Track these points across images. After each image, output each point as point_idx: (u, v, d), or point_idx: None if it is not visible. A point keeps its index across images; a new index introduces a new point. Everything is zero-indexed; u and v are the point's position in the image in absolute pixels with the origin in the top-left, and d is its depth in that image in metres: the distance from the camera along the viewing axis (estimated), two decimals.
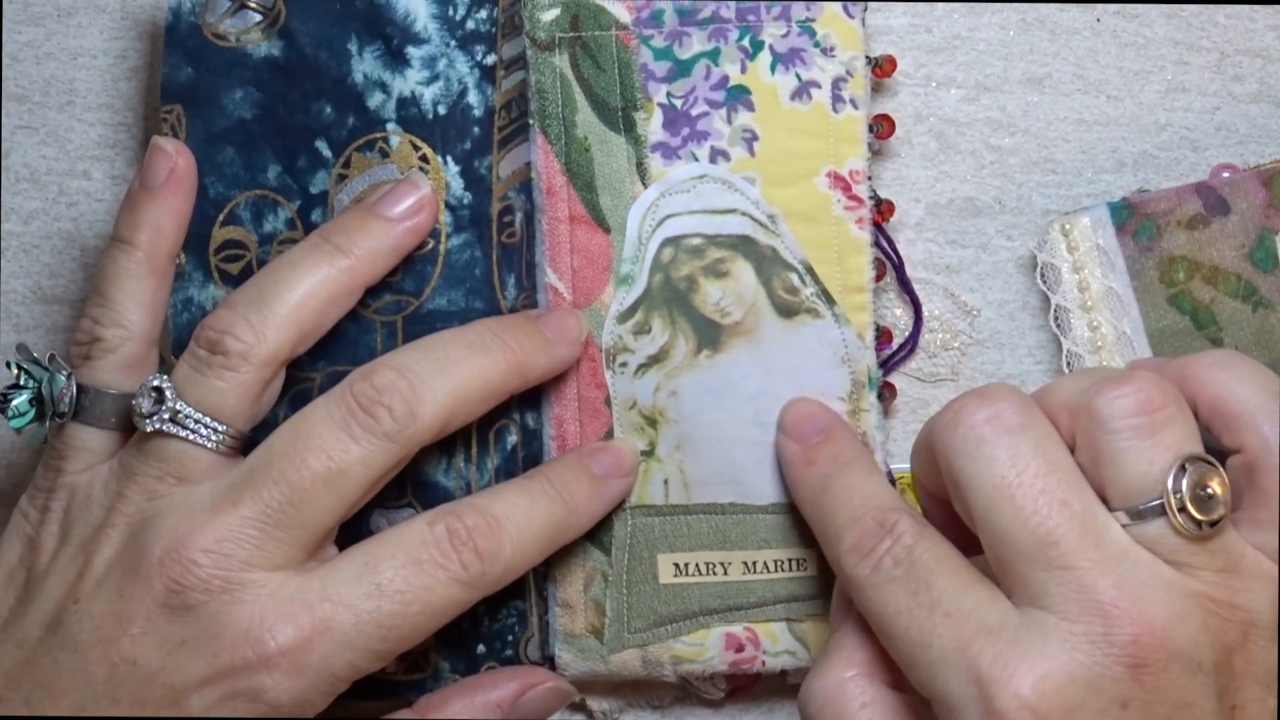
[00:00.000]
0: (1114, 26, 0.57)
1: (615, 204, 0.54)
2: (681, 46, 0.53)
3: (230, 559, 0.47)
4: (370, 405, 0.48)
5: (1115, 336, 0.55)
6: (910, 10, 0.57)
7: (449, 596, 0.49)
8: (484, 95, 0.54)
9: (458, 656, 0.54)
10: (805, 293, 0.53)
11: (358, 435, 0.48)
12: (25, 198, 0.60)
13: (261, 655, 0.47)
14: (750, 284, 0.53)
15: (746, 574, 0.54)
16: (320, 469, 0.48)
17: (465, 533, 0.49)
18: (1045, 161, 0.57)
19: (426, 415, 0.49)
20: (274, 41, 0.54)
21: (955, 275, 0.57)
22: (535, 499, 0.51)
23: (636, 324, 0.54)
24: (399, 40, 0.54)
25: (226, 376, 0.49)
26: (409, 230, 0.53)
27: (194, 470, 0.49)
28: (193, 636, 0.47)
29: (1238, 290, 0.54)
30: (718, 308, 0.54)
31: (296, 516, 0.48)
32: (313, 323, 0.51)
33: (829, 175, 0.53)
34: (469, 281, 0.54)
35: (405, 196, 0.53)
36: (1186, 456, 0.43)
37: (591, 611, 0.54)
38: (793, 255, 0.54)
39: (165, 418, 0.49)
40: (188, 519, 0.48)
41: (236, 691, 0.47)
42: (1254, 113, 0.57)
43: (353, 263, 0.51)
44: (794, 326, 0.53)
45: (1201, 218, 0.54)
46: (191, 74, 0.54)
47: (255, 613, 0.47)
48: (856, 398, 0.53)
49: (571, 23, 0.53)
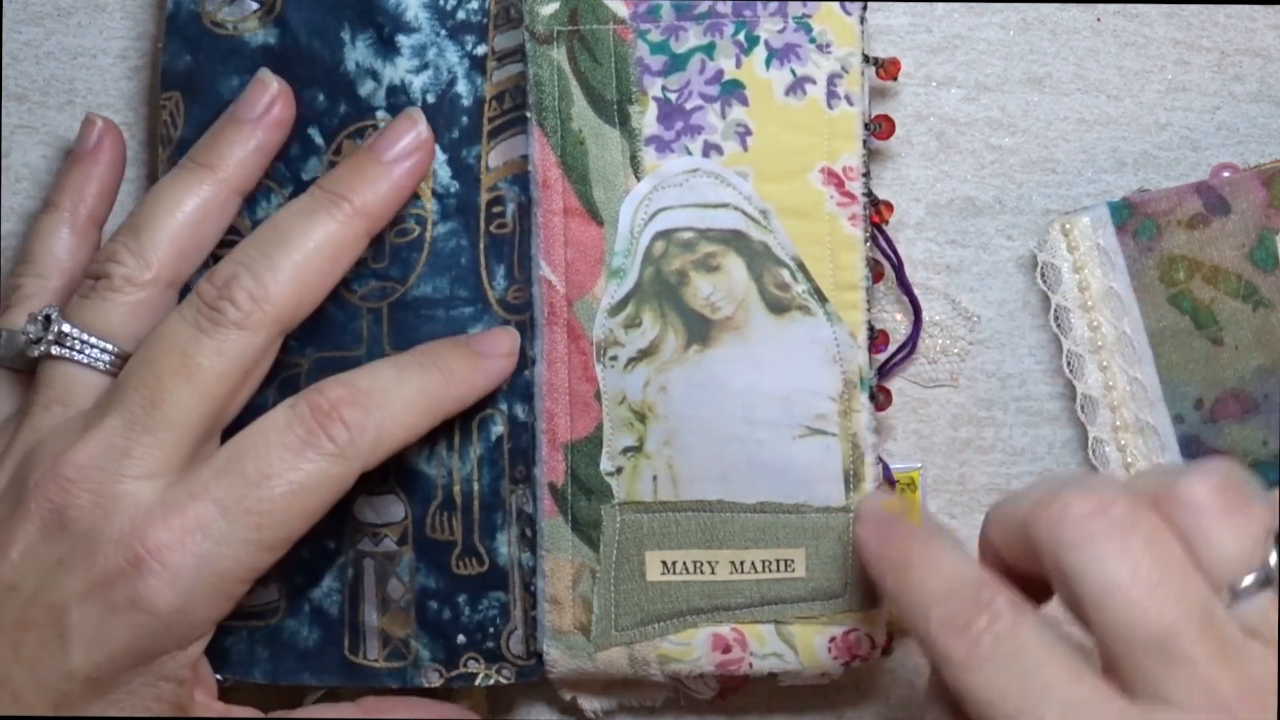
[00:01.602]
0: (1114, 26, 0.57)
1: (608, 197, 0.54)
2: (677, 41, 0.53)
3: (101, 471, 0.48)
4: (214, 300, 0.49)
5: (1115, 336, 0.55)
6: (910, 10, 0.57)
7: (319, 472, 0.48)
8: (473, 85, 0.54)
9: (438, 645, 0.54)
10: (796, 289, 0.53)
11: (206, 328, 0.49)
12: (25, 198, 0.60)
13: (133, 560, 0.47)
14: (741, 279, 0.53)
15: (734, 573, 0.54)
16: (173, 365, 0.48)
17: (328, 405, 0.49)
18: (1045, 161, 0.57)
19: (273, 296, 0.49)
20: (270, 30, 0.54)
21: (955, 275, 0.57)
22: (405, 369, 0.51)
23: (627, 317, 0.54)
24: (390, 29, 0.54)
25: (111, 298, 0.50)
26: (271, 124, 0.53)
27: (81, 395, 0.50)
28: (68, 554, 0.47)
29: (1238, 290, 0.54)
30: (708, 302, 0.54)
31: (160, 418, 0.48)
32: (191, 240, 0.52)
33: (822, 171, 0.53)
34: (454, 270, 0.54)
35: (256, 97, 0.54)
36: (1278, 530, 0.44)
37: (579, 608, 0.54)
38: (784, 251, 0.53)
39: (51, 339, 0.50)
40: (63, 440, 0.48)
41: (115, 603, 0.47)
42: (1254, 112, 0.57)
43: (221, 175, 0.52)
44: (785, 323, 0.53)
45: (1202, 217, 0.54)
46: (190, 62, 0.55)
47: (126, 522, 0.47)
48: (848, 398, 0.53)
49: (570, 16, 0.53)
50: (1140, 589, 0.43)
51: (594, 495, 0.54)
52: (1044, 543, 0.44)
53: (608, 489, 0.54)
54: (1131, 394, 0.55)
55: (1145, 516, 0.44)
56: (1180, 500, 0.44)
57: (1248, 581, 0.43)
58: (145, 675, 0.48)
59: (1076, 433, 0.57)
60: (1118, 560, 0.43)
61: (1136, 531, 0.43)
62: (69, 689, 0.47)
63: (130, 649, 0.47)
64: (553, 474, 0.54)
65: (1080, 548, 0.44)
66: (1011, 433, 0.57)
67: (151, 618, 0.47)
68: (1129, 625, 0.43)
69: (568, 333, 0.54)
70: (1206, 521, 0.44)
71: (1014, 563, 0.47)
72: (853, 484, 0.53)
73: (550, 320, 0.54)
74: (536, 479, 0.55)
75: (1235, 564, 0.43)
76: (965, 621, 0.44)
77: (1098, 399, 0.55)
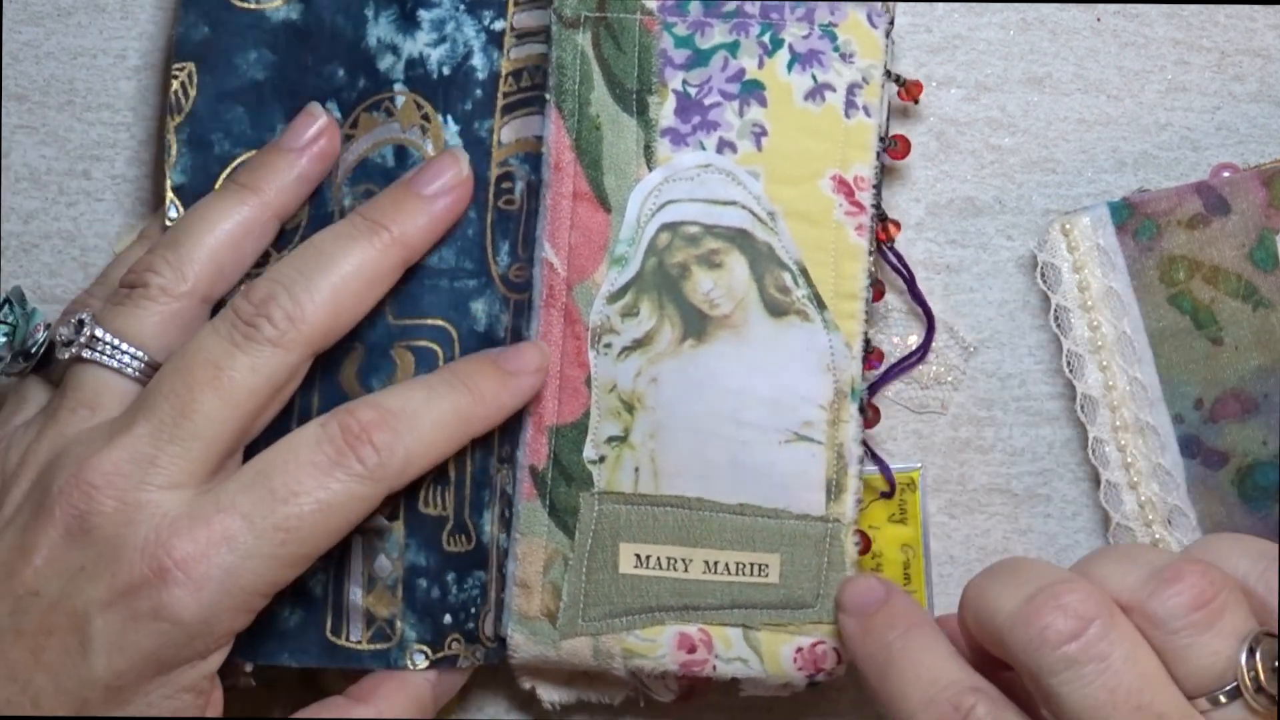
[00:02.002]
0: (1114, 26, 0.57)
1: (619, 184, 0.54)
2: (703, 37, 0.54)
3: (126, 479, 0.48)
4: (251, 317, 0.49)
5: (1115, 336, 0.55)
6: (910, 10, 0.57)
7: (347, 493, 0.48)
8: (489, 59, 0.55)
9: (425, 625, 0.54)
10: (797, 294, 0.53)
11: (240, 343, 0.49)
12: (25, 198, 0.60)
13: (158, 571, 0.47)
14: (742, 278, 0.53)
15: (707, 573, 0.53)
16: (205, 376, 0.48)
17: (359, 427, 0.49)
18: (1045, 161, 0.57)
19: (309, 317, 0.49)
20: (293, 5, 0.54)
21: (955, 275, 0.57)
22: (435, 389, 0.51)
23: (625, 305, 0.54)
24: (412, 4, 0.54)
25: (146, 306, 0.50)
26: (316, 155, 0.53)
27: (109, 400, 0.50)
28: (92, 561, 0.47)
29: (1238, 290, 0.54)
30: (707, 298, 0.54)
31: (189, 428, 0.48)
32: (229, 258, 0.52)
33: (833, 179, 0.53)
34: (461, 241, 0.54)
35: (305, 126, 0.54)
36: (1251, 636, 0.44)
37: (548, 594, 0.54)
38: (788, 255, 0.53)
39: (82, 342, 0.50)
40: (89, 446, 0.48)
41: (137, 612, 0.47)
42: (1254, 112, 0.57)
43: (263, 199, 0.52)
44: (782, 326, 0.53)
45: (1202, 217, 0.54)
46: (208, 33, 0.54)
47: (151, 531, 0.47)
48: (837, 407, 0.53)
49: (598, 3, 0.54)
50: (1121, 710, 0.44)
51: (574, 482, 0.54)
52: (1023, 664, 0.45)
53: (588, 477, 0.54)
54: (1131, 394, 0.55)
55: (1122, 635, 0.45)
56: (1155, 619, 0.45)
57: (1224, 691, 0.44)
58: (165, 686, 0.48)
59: (1076, 433, 0.57)
60: (1098, 684, 0.44)
61: (1115, 651, 0.44)
62: (89, 696, 0.47)
63: (152, 658, 0.47)
64: (535, 457, 0.54)
65: (1060, 673, 0.44)
66: (1011, 433, 0.57)
67: (174, 627, 0.47)
68: None
69: (564, 316, 0.54)
70: (1181, 640, 0.45)
71: (991, 650, 0.48)
72: (834, 494, 0.53)
73: (548, 302, 0.54)
74: (518, 461, 0.55)
75: (1210, 676, 0.44)
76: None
77: (1098, 399, 0.55)
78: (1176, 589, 0.45)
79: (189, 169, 0.54)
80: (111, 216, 0.59)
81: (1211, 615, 0.45)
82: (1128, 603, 0.45)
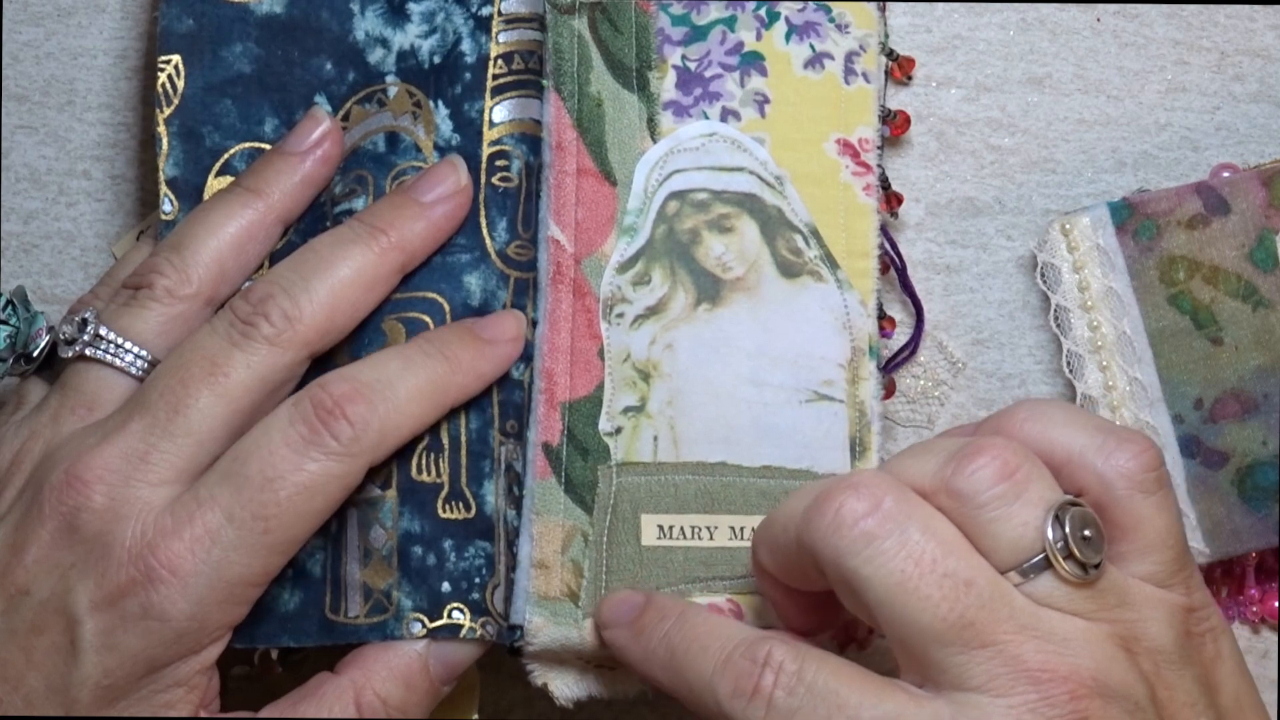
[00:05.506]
0: (1114, 26, 0.57)
1: (624, 158, 0.54)
2: (699, 14, 0.55)
3: (117, 474, 0.48)
4: (248, 316, 0.49)
5: (1115, 336, 0.55)
6: (910, 10, 0.57)
7: (325, 473, 0.48)
8: (477, 43, 0.55)
9: (420, 593, 0.52)
10: (809, 255, 0.54)
11: (237, 341, 0.49)
12: (25, 198, 0.60)
13: (145, 571, 0.47)
14: (754, 241, 0.54)
15: (734, 539, 0.53)
16: (200, 373, 0.48)
17: (331, 401, 0.48)
18: (1045, 161, 0.57)
19: (306, 317, 0.49)
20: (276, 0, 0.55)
21: (955, 275, 0.57)
22: (410, 358, 0.50)
23: (636, 274, 0.54)
24: None
25: (150, 306, 0.50)
26: (320, 159, 0.54)
27: (108, 399, 0.50)
28: (81, 560, 0.47)
29: (1238, 290, 0.54)
30: (720, 262, 0.54)
31: (182, 424, 0.48)
32: (233, 261, 0.52)
33: (838, 142, 0.54)
34: None
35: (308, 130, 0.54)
36: (1056, 505, 0.43)
37: (568, 572, 0.53)
38: (798, 217, 0.54)
39: (86, 340, 0.50)
40: (82, 443, 0.48)
41: (126, 613, 0.47)
42: (1254, 113, 0.57)
43: (267, 202, 0.52)
44: (796, 287, 0.53)
45: (1201, 218, 0.54)
46: (192, 25, 0.54)
47: (138, 530, 0.47)
48: (856, 365, 0.53)
49: None
50: (927, 582, 0.43)
51: (590, 455, 0.53)
52: (824, 554, 0.44)
53: (605, 449, 0.53)
54: (1131, 394, 0.55)
55: (917, 508, 0.44)
56: (958, 494, 0.44)
57: (1029, 565, 0.43)
58: (157, 682, 0.48)
59: None
60: (900, 558, 0.43)
61: (913, 522, 0.43)
62: (80, 696, 0.47)
63: (142, 657, 0.47)
64: (548, 434, 0.53)
65: (860, 551, 0.43)
66: None
67: (164, 626, 0.47)
68: (922, 620, 0.43)
69: (573, 290, 0.54)
70: (987, 514, 0.43)
71: (794, 583, 0.47)
72: (858, 452, 0.53)
73: (556, 279, 0.54)
74: (529, 440, 0.54)
75: (1019, 549, 0.43)
76: (752, 686, 0.44)
77: (1098, 399, 0.55)
78: (978, 463, 0.43)
79: (181, 161, 0.54)
80: (111, 216, 0.59)
81: (1017, 486, 0.43)
82: (930, 487, 0.44)
